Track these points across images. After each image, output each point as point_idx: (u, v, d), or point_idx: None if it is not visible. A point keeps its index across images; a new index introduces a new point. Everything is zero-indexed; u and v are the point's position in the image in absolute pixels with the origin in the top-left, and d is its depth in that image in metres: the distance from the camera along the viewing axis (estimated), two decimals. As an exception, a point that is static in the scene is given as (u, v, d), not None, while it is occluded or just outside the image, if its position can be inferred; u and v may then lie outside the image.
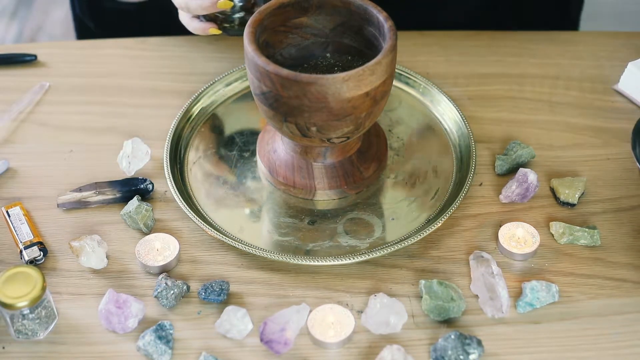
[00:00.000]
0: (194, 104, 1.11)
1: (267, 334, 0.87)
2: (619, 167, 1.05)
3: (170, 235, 0.97)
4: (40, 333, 0.89)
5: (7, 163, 1.05)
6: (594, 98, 1.14)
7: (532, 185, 1.00)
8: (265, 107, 0.93)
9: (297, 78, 0.88)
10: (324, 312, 0.89)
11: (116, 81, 1.17)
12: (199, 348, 0.88)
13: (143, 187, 1.01)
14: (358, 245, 0.97)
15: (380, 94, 0.92)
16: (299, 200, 1.01)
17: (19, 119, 1.11)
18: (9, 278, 0.86)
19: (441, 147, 1.07)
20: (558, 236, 0.97)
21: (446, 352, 0.86)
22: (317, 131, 0.92)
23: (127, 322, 0.88)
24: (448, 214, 0.97)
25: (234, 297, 0.92)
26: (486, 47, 1.21)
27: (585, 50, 1.21)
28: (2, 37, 2.37)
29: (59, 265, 0.95)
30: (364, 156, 1.02)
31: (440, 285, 0.91)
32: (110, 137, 1.09)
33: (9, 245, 0.97)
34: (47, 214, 1.00)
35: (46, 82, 1.16)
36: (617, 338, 0.89)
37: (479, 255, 0.94)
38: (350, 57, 1.00)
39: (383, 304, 0.89)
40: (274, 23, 0.97)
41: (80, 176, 1.04)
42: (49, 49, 1.23)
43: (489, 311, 0.90)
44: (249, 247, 0.95)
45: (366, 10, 0.95)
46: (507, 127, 1.10)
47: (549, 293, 0.91)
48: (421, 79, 1.13)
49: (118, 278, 0.94)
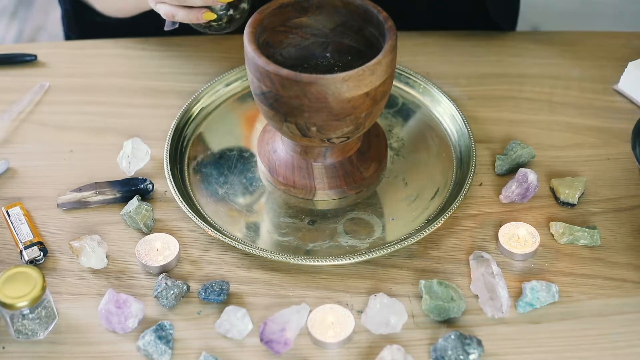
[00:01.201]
0: (194, 104, 1.11)
1: (267, 334, 0.87)
2: (619, 167, 1.05)
3: (170, 235, 0.97)
4: (40, 333, 0.89)
5: (7, 163, 1.05)
6: (594, 98, 1.14)
7: (532, 185, 1.00)
8: (265, 107, 0.93)
9: (297, 78, 0.88)
10: (324, 312, 0.89)
11: (116, 81, 1.17)
12: (199, 348, 0.88)
13: (143, 187, 1.01)
14: (358, 245, 0.96)
15: (380, 94, 0.92)
16: (299, 200, 1.01)
17: (19, 119, 1.11)
18: (9, 278, 0.86)
19: (441, 147, 1.07)
20: (558, 236, 0.97)
21: (446, 352, 0.86)
22: (317, 131, 0.92)
23: (127, 322, 0.88)
24: (448, 214, 0.97)
25: (234, 297, 0.92)
26: (486, 47, 1.21)
27: (585, 50, 1.21)
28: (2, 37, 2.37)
29: (59, 265, 0.95)
30: (364, 156, 1.02)
31: (440, 285, 0.91)
32: (110, 137, 1.09)
33: (9, 245, 0.97)
34: (47, 214, 1.00)
35: (46, 82, 1.16)
36: (617, 338, 0.89)
37: (479, 255, 0.94)
38: (350, 57, 1.00)
39: (383, 304, 0.89)
40: (274, 23, 0.97)
41: (80, 176, 1.04)
42: (49, 49, 1.23)
43: (489, 311, 0.90)
44: (249, 247, 0.95)
45: (366, 10, 0.95)
46: (507, 127, 1.10)
47: (549, 293, 0.91)
48: (421, 79, 1.13)
49: (118, 278, 0.94)
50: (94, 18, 1.25)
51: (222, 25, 0.99)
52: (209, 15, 0.96)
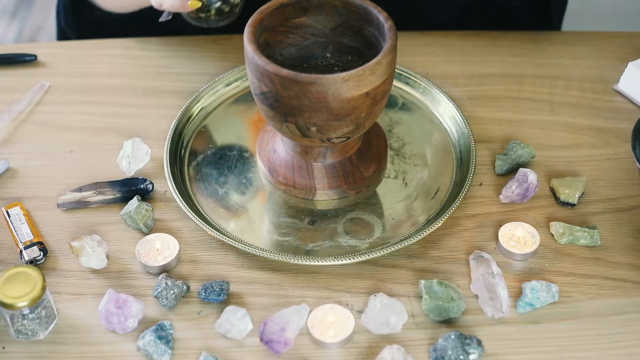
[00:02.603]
0: (194, 104, 1.11)
1: (267, 334, 0.87)
2: (619, 167, 1.05)
3: (170, 235, 0.97)
4: (40, 333, 0.89)
5: (7, 163, 1.05)
6: (594, 98, 1.14)
7: (532, 185, 1.00)
8: (265, 107, 0.93)
9: (297, 78, 0.88)
10: (324, 312, 0.89)
11: (116, 81, 1.17)
12: (199, 348, 0.88)
13: (143, 187, 1.01)
14: (358, 245, 0.96)
15: (380, 94, 0.92)
16: (299, 200, 1.01)
17: (19, 119, 1.11)
18: (9, 278, 0.86)
19: (441, 147, 1.07)
20: (558, 236, 0.97)
21: (446, 352, 0.86)
22: (317, 131, 0.92)
23: (127, 322, 0.88)
24: (448, 214, 0.97)
25: (234, 297, 0.92)
26: (486, 47, 1.21)
27: (585, 50, 1.21)
28: (2, 37, 2.37)
29: (59, 265, 0.95)
30: (364, 156, 1.02)
31: (440, 285, 0.91)
32: (110, 137, 1.09)
33: (9, 245, 0.97)
34: (47, 214, 1.00)
35: (46, 82, 1.16)
36: (617, 338, 0.89)
37: (479, 255, 0.94)
38: (350, 57, 1.00)
39: (383, 304, 0.89)
40: (274, 23, 0.97)
41: (80, 176, 1.04)
42: (49, 49, 1.23)
43: (489, 311, 0.90)
44: (249, 247, 0.95)
45: (366, 10, 0.95)
46: (507, 127, 1.10)
47: (549, 293, 0.91)
48: (421, 79, 1.13)
49: (118, 278, 0.94)
50: (93, 13, 1.26)
51: (210, 17, 1.01)
52: (194, 4, 0.99)
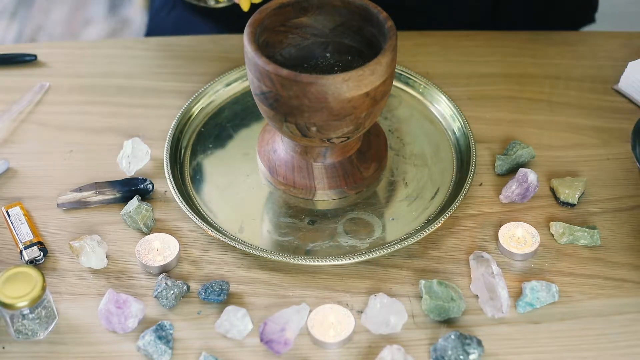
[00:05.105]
0: (194, 104, 1.11)
1: (267, 334, 0.87)
2: (619, 167, 1.05)
3: (170, 235, 0.97)
4: (40, 333, 0.89)
5: (7, 163, 1.05)
6: (594, 98, 1.14)
7: (532, 185, 1.00)
8: (265, 107, 0.93)
9: (297, 78, 0.88)
10: (324, 312, 0.89)
11: (116, 81, 1.17)
12: (199, 348, 0.88)
13: (143, 187, 1.01)
14: (358, 245, 0.97)
15: (380, 94, 0.92)
16: (299, 200, 1.01)
17: (19, 119, 1.11)
18: (9, 278, 0.86)
19: (441, 147, 1.07)
20: (558, 236, 0.97)
21: (446, 352, 0.86)
22: (317, 131, 0.92)
23: (127, 322, 0.88)
24: (448, 214, 0.97)
25: (234, 297, 0.92)
26: (486, 47, 1.21)
27: (585, 50, 1.21)
28: (2, 37, 2.37)
29: (59, 265, 0.95)
30: (364, 156, 1.02)
31: (440, 285, 0.91)
32: (110, 137, 1.09)
33: (9, 245, 0.97)
34: (47, 214, 1.00)
35: (46, 82, 1.16)
36: (617, 338, 0.89)
37: (479, 255, 0.94)
38: (350, 57, 1.00)
39: (383, 304, 0.89)
40: (274, 23, 0.97)
41: (80, 176, 1.04)
42: (49, 49, 1.23)
43: (489, 311, 0.90)
44: (249, 247, 0.95)
45: (366, 10, 0.95)
46: (507, 127, 1.10)
47: (549, 293, 0.91)
48: (421, 79, 1.13)
49: (118, 278, 0.94)
50: None
51: None
52: None
